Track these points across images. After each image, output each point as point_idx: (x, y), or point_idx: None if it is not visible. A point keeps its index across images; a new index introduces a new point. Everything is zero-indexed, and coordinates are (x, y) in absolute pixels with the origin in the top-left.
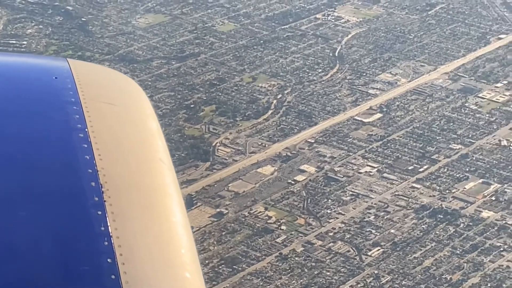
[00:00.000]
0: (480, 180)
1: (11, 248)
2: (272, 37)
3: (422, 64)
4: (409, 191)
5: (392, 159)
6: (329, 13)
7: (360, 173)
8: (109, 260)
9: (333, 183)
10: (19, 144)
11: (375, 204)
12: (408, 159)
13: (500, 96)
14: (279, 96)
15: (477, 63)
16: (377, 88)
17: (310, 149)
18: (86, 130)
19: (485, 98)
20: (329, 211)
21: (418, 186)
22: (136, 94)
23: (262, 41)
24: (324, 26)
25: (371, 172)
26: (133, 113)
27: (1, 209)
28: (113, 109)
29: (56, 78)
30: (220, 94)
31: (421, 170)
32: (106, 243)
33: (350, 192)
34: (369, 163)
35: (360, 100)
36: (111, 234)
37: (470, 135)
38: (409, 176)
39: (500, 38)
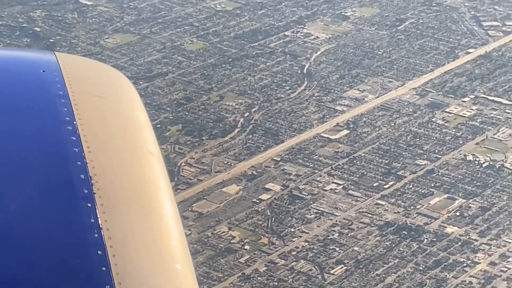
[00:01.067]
0: (445, 196)
1: (0, 240)
2: (240, 55)
3: (390, 79)
4: (373, 208)
5: (358, 176)
6: (298, 30)
7: (325, 190)
8: (99, 252)
9: (298, 201)
10: (7, 138)
11: (339, 221)
12: (373, 175)
13: (467, 111)
14: (246, 114)
15: (445, 78)
16: (344, 105)
17: (276, 167)
18: (75, 123)
19: (452, 113)
20: (293, 230)
21: (383, 202)
22: (125, 86)
23: (230, 59)
24: (293, 43)
25: (336, 189)
26: (122, 105)
27: None
28: (101, 101)
29: (44, 71)
30: (187, 113)
31: (386, 186)
32: (96, 235)
33: (315, 210)
34: (335, 180)
35: (327, 117)
36: (101, 226)
37: (436, 150)
38: (374, 193)
39: (468, 53)
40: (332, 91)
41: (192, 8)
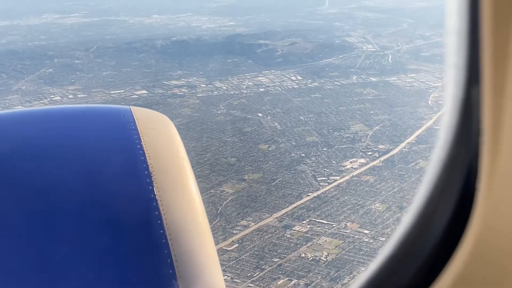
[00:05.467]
0: None
1: None
2: None
3: None
4: None
5: None
6: None
7: None
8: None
9: None
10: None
11: None
12: None
13: None
14: None
15: None
16: None
17: None
18: (142, 143)
19: None
20: None
21: None
22: (171, 127)
23: None
24: None
25: None
26: (171, 141)
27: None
28: (157, 132)
29: (123, 116)
30: None
31: None
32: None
33: None
34: None
35: None
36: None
37: None
38: None
39: None
40: None
41: None
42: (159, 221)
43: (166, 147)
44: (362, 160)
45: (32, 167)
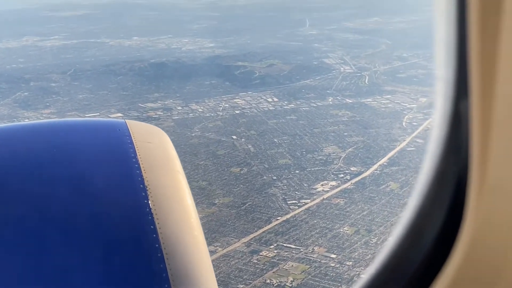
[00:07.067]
0: None
1: None
2: None
3: None
4: None
5: None
6: None
7: None
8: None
9: None
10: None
11: None
12: None
13: None
14: None
15: None
16: None
17: None
18: (137, 156)
19: None
20: None
21: None
22: (167, 141)
23: None
24: None
25: None
26: (167, 154)
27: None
28: (152, 146)
29: (119, 130)
30: None
31: None
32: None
33: None
34: None
35: None
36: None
37: None
38: None
39: None
40: None
41: None
42: (154, 235)
43: (162, 161)
44: (334, 183)
45: (25, 181)
